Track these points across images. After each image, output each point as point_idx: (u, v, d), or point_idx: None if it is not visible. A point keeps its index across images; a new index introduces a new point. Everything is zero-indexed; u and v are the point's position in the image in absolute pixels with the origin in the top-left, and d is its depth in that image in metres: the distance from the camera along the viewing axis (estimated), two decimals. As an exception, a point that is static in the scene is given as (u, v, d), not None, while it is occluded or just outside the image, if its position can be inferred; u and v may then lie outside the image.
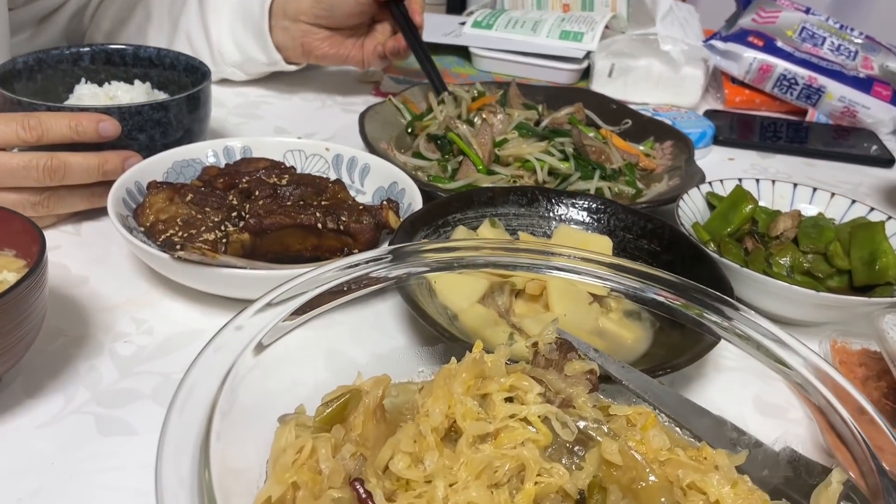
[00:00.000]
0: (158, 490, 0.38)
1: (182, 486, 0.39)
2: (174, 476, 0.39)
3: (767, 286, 0.75)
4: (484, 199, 0.83)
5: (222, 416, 0.44)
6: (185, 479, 0.39)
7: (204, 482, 0.39)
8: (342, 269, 0.56)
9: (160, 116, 0.83)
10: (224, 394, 0.44)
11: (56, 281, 0.72)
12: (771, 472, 0.51)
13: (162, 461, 0.39)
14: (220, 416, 0.43)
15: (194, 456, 0.40)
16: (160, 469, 0.39)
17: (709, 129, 1.22)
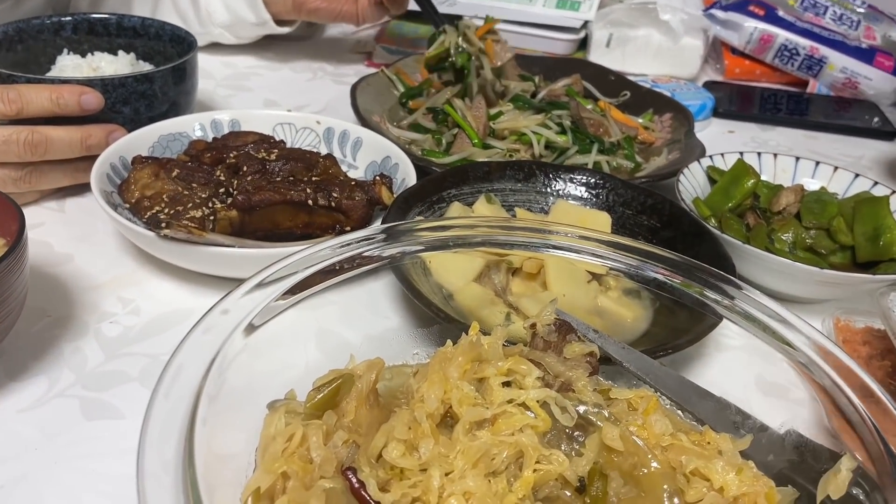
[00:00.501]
0: (140, 474, 0.36)
1: (166, 470, 0.37)
2: (157, 460, 0.37)
3: (769, 263, 0.73)
4: (480, 174, 0.81)
5: (209, 401, 0.42)
6: (170, 463, 0.38)
7: (187, 468, 0.37)
8: (335, 248, 0.54)
9: (145, 88, 0.80)
10: (212, 377, 0.43)
11: (38, 259, 0.70)
12: (776, 456, 0.49)
13: (145, 445, 0.38)
14: (207, 401, 0.42)
15: (179, 441, 0.39)
16: (142, 454, 0.37)
17: (708, 101, 1.19)
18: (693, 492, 0.45)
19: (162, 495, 0.36)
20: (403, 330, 0.61)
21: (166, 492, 0.36)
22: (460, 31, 1.05)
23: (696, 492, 0.45)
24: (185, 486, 0.36)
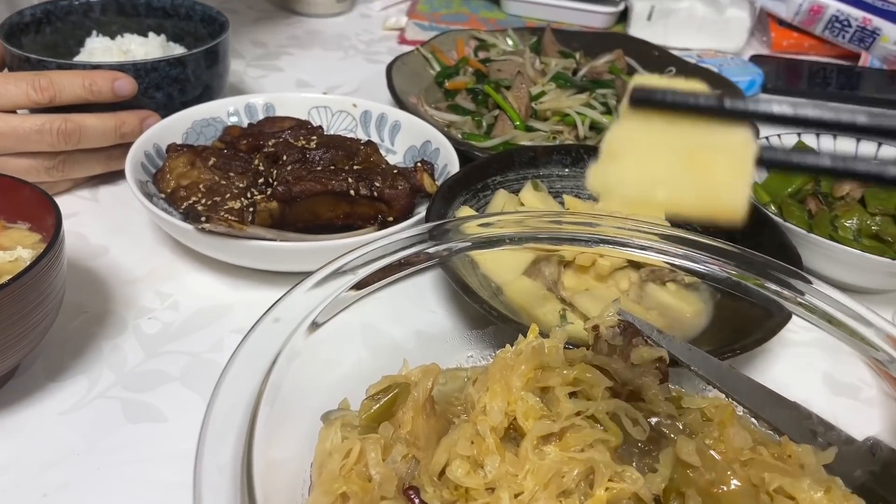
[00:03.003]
0: (197, 478, 0.34)
1: (222, 474, 0.35)
2: (214, 464, 0.35)
3: (835, 253, 0.69)
4: (525, 160, 0.77)
5: (266, 410, 0.40)
6: (226, 466, 0.35)
7: (244, 477, 0.35)
8: (385, 246, 0.52)
9: (178, 73, 0.77)
10: (272, 378, 0.40)
11: (73, 252, 0.68)
12: (863, 471, 0.46)
13: (203, 449, 0.36)
14: (267, 403, 0.39)
15: (237, 445, 0.37)
16: (200, 458, 0.35)
17: (757, 77, 1.14)
18: (777, 512, 0.42)
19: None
20: (455, 330, 0.58)
21: (223, 498, 0.34)
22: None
23: (781, 512, 0.42)
24: (241, 490, 0.34)
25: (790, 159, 0.34)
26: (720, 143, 0.32)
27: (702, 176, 0.31)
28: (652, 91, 0.33)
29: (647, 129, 0.33)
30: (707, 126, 0.32)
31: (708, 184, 0.31)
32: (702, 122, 0.32)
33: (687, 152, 0.32)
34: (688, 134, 0.32)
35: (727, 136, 0.32)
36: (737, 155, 0.31)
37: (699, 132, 0.32)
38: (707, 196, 0.31)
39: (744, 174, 0.31)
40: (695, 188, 0.31)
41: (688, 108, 0.33)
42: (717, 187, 0.31)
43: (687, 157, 0.32)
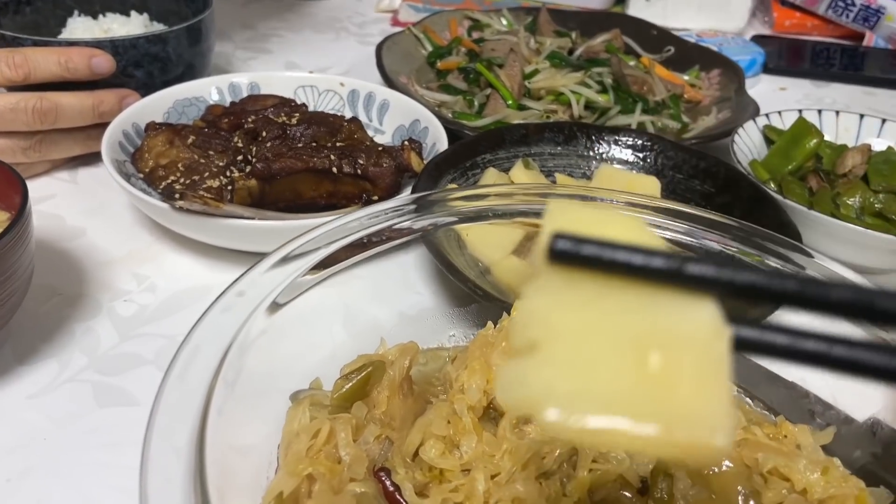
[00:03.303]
0: (144, 466, 0.32)
1: (175, 463, 0.33)
2: (165, 453, 0.33)
3: (837, 230, 0.67)
4: (516, 138, 0.75)
5: (226, 387, 0.37)
6: (179, 455, 0.33)
7: (197, 463, 0.33)
8: (363, 220, 0.49)
9: (158, 50, 0.75)
10: (230, 360, 0.38)
11: (48, 233, 0.66)
12: (863, 452, 0.44)
13: (152, 435, 0.33)
14: (224, 387, 0.37)
15: (191, 432, 0.34)
16: (148, 444, 0.33)
17: (758, 56, 1.11)
18: (771, 494, 0.40)
19: (166, 489, 0.31)
20: (438, 309, 0.56)
21: (172, 486, 0.32)
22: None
23: (775, 494, 0.40)
24: (195, 480, 0.32)
25: (775, 342, 0.22)
26: (679, 330, 0.21)
27: (659, 391, 0.20)
28: (579, 243, 0.23)
29: (575, 296, 0.22)
30: (659, 297, 0.22)
31: (670, 403, 0.20)
32: (650, 289, 0.22)
33: (634, 345, 0.21)
34: (633, 311, 0.22)
35: (687, 315, 0.21)
36: (704, 350, 0.21)
37: (649, 308, 0.22)
38: (672, 423, 0.19)
39: (718, 382, 0.20)
40: (654, 410, 0.20)
41: (629, 271, 0.22)
42: (683, 408, 0.20)
43: (635, 354, 0.21)
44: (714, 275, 0.22)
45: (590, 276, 0.23)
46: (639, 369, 0.20)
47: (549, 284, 0.23)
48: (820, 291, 0.22)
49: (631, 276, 0.22)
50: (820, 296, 0.22)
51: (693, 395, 0.20)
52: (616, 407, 0.20)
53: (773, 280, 0.22)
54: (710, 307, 0.22)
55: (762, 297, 0.22)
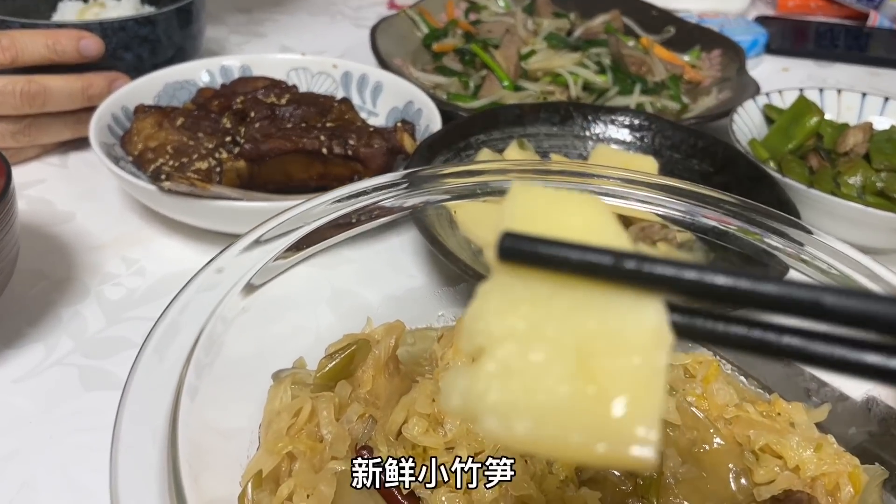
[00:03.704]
0: (114, 451, 0.31)
1: (152, 438, 0.32)
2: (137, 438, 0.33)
3: (837, 209, 0.66)
4: (511, 118, 0.74)
5: (202, 370, 0.37)
6: (156, 430, 0.33)
7: (170, 446, 0.32)
8: (348, 197, 0.48)
9: (147, 32, 0.74)
10: (202, 343, 0.37)
11: (38, 218, 0.65)
12: (858, 429, 0.43)
13: (122, 420, 0.33)
14: (199, 370, 0.36)
15: (166, 410, 0.34)
16: (118, 429, 0.32)
17: (761, 37, 1.09)
18: (763, 471, 0.39)
19: (137, 471, 0.31)
20: (427, 289, 0.55)
21: (143, 467, 0.31)
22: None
23: (767, 471, 0.39)
24: (169, 470, 0.31)
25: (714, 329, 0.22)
26: (622, 336, 0.21)
27: (594, 402, 0.20)
28: (525, 241, 0.22)
29: (522, 299, 0.22)
30: (608, 297, 0.22)
31: (603, 416, 0.20)
32: (600, 287, 0.22)
33: (576, 351, 0.21)
34: (580, 312, 0.21)
35: (633, 317, 0.21)
36: (643, 360, 0.21)
37: (596, 308, 0.22)
38: (602, 436, 0.20)
39: (651, 395, 0.20)
40: (586, 422, 0.20)
41: (574, 268, 0.22)
42: (614, 422, 0.20)
43: (576, 360, 0.21)
44: (663, 273, 0.22)
45: (541, 274, 0.22)
46: (576, 380, 0.20)
47: (502, 283, 0.23)
48: (776, 291, 0.21)
49: (581, 275, 0.22)
50: (776, 295, 0.21)
51: (626, 410, 0.20)
52: (550, 420, 0.20)
53: (722, 277, 0.21)
54: (657, 309, 0.22)
55: (712, 296, 0.21)
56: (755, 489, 0.39)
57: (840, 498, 0.39)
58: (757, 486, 0.39)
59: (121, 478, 0.31)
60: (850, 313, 0.20)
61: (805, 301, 0.21)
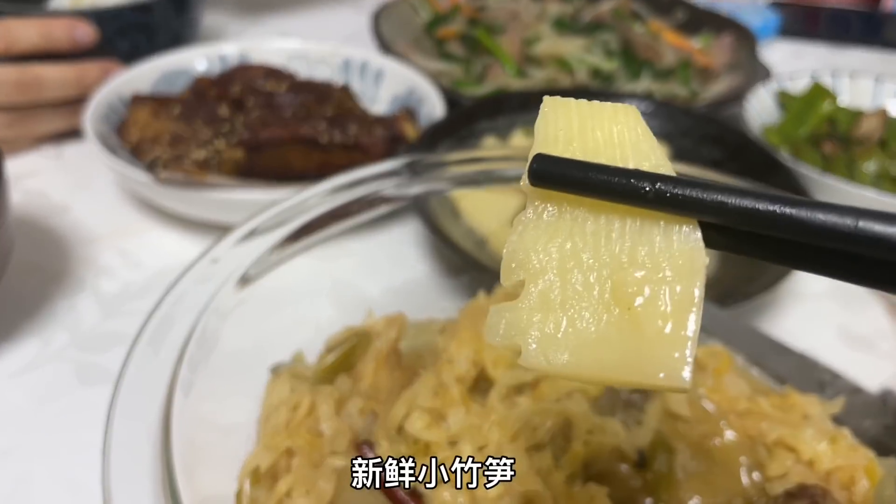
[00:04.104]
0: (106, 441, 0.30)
1: (148, 442, 0.31)
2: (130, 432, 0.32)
3: (851, 195, 0.64)
4: (516, 105, 0.72)
5: (196, 364, 0.36)
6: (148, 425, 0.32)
7: (163, 441, 0.31)
8: (347, 186, 0.47)
9: (143, 20, 0.73)
10: (197, 337, 0.36)
11: (32, 210, 0.64)
12: (874, 422, 0.41)
13: (114, 416, 0.32)
14: (192, 364, 0.35)
15: (159, 405, 0.33)
16: (111, 426, 0.31)
17: (772, 20, 1.07)
18: (776, 465, 0.37)
19: (129, 468, 0.30)
20: (429, 280, 0.54)
21: (138, 469, 0.30)
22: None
23: (780, 465, 0.37)
24: (160, 463, 0.30)
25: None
26: (658, 261, 0.21)
27: (631, 331, 0.21)
28: (558, 163, 0.22)
29: (558, 229, 0.22)
30: (642, 221, 0.22)
31: (640, 344, 0.20)
32: (634, 212, 0.22)
33: (612, 279, 0.21)
34: (614, 237, 0.22)
35: (665, 238, 0.21)
36: (679, 285, 0.21)
37: (631, 234, 0.22)
38: (640, 360, 0.20)
39: (686, 320, 0.20)
40: (623, 352, 0.20)
41: (606, 192, 0.22)
42: (647, 345, 0.20)
43: (612, 288, 0.21)
44: (693, 195, 0.21)
45: (573, 198, 0.23)
46: (613, 308, 0.21)
47: (535, 214, 0.23)
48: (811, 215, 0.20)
49: (613, 198, 0.22)
50: (811, 220, 0.20)
51: (663, 333, 0.20)
52: (590, 347, 0.21)
53: (762, 202, 0.20)
54: (690, 231, 0.21)
55: (749, 221, 0.21)
56: (768, 483, 0.38)
57: (855, 492, 0.38)
58: (770, 480, 0.38)
59: (113, 475, 0.30)
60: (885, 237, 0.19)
61: (839, 226, 0.20)
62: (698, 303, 0.21)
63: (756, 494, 0.37)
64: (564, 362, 0.21)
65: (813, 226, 0.20)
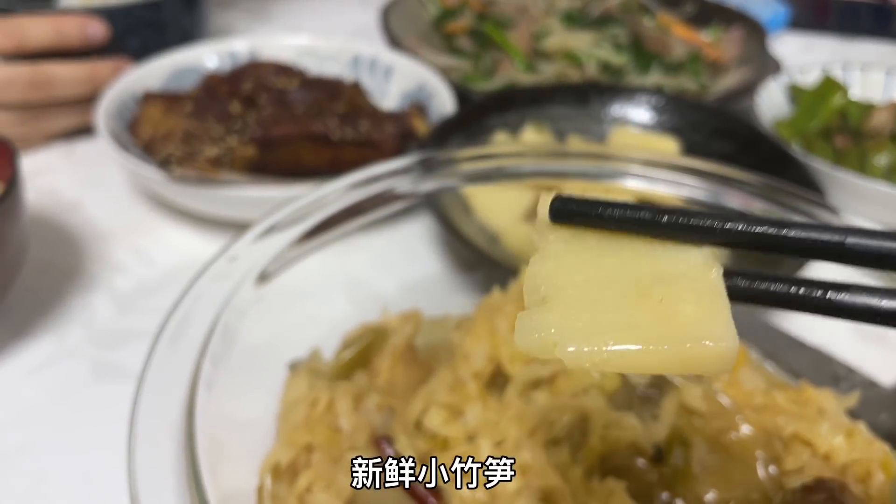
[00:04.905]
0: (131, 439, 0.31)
1: (170, 438, 0.32)
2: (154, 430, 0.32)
3: (863, 188, 0.64)
4: (526, 100, 0.72)
5: (217, 360, 0.36)
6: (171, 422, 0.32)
7: (187, 438, 0.31)
8: (360, 183, 0.47)
9: (154, 17, 0.73)
10: (218, 334, 0.36)
11: (45, 207, 0.65)
12: (890, 416, 0.41)
13: (138, 413, 0.32)
14: (214, 360, 0.35)
15: (182, 402, 0.33)
16: (135, 421, 0.32)
17: (782, 13, 1.06)
18: (792, 459, 0.38)
19: (154, 463, 0.30)
20: (443, 276, 0.54)
21: (160, 459, 0.30)
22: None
23: (797, 459, 0.37)
24: (184, 461, 0.30)
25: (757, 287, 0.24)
26: (674, 269, 0.23)
27: (663, 316, 0.22)
28: (577, 202, 0.25)
29: (576, 257, 0.24)
30: (654, 247, 0.24)
31: (675, 325, 0.21)
32: (645, 239, 0.24)
33: (635, 287, 0.23)
34: (630, 259, 0.24)
35: (681, 257, 0.23)
36: (698, 282, 0.22)
37: (644, 256, 0.24)
38: (679, 340, 0.21)
39: (716, 302, 0.22)
40: (660, 333, 0.21)
41: (624, 223, 0.24)
42: (688, 327, 0.21)
43: (636, 292, 0.23)
44: (708, 224, 0.23)
45: (590, 233, 0.24)
46: (642, 302, 0.22)
47: (553, 247, 0.24)
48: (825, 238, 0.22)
49: (626, 229, 0.24)
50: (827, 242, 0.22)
51: (695, 314, 0.21)
52: (626, 333, 0.21)
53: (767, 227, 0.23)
54: (703, 251, 0.23)
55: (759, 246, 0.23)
56: (784, 477, 0.38)
57: (871, 485, 0.38)
58: (786, 474, 0.38)
59: (139, 471, 0.30)
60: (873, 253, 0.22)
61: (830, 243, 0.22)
62: (722, 289, 0.22)
63: (773, 488, 0.37)
64: (601, 352, 0.21)
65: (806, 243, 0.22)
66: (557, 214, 0.25)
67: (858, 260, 0.22)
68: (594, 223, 0.24)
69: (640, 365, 0.21)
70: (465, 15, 0.94)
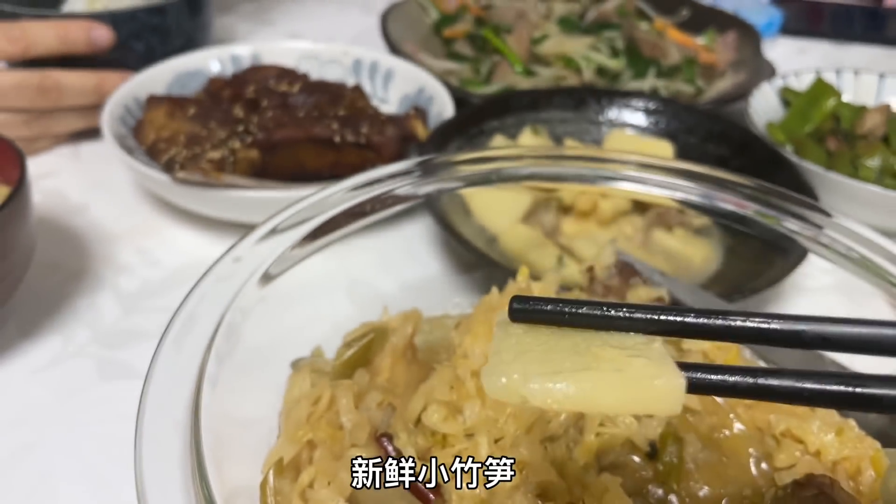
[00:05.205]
0: (138, 443, 0.31)
1: (174, 428, 0.32)
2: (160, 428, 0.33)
3: (855, 191, 0.65)
4: (524, 104, 0.73)
5: (222, 359, 0.37)
6: (177, 421, 0.33)
7: (192, 436, 0.32)
8: (362, 186, 0.48)
9: (158, 22, 0.74)
10: (222, 333, 0.37)
11: (51, 209, 0.66)
12: (879, 413, 0.42)
13: (145, 411, 0.33)
14: (219, 359, 0.36)
15: (186, 406, 0.34)
16: (141, 419, 0.32)
17: (776, 18, 1.08)
18: (784, 456, 0.38)
19: (161, 460, 0.31)
20: (443, 277, 0.55)
21: (166, 457, 0.31)
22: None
23: (788, 456, 0.38)
24: (190, 458, 0.31)
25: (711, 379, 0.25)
26: (622, 343, 0.25)
27: (617, 366, 0.24)
28: (535, 301, 0.27)
29: (535, 336, 0.26)
30: (601, 335, 0.26)
31: (628, 371, 0.24)
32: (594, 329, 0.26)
33: (589, 350, 0.25)
34: (583, 338, 0.26)
35: (627, 337, 0.26)
36: (645, 348, 0.25)
37: (595, 336, 0.26)
38: (633, 380, 0.23)
39: (663, 357, 0.24)
40: (615, 376, 0.24)
41: (575, 319, 0.26)
42: (639, 371, 0.24)
43: (591, 355, 0.25)
44: (648, 317, 0.26)
45: (545, 328, 0.27)
46: (596, 357, 0.25)
47: (513, 329, 0.27)
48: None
49: (578, 323, 0.26)
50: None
51: (645, 364, 0.24)
52: (584, 374, 0.24)
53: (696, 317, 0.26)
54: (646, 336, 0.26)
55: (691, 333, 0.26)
56: (776, 474, 0.39)
57: (861, 482, 0.39)
58: (778, 470, 0.39)
59: (145, 468, 0.31)
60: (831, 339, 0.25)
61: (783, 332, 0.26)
62: (665, 354, 0.25)
63: (765, 484, 0.38)
64: (563, 396, 0.23)
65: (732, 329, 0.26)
66: (516, 313, 0.27)
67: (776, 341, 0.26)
68: (549, 319, 0.27)
69: (598, 403, 0.24)
70: (464, 20, 0.95)
